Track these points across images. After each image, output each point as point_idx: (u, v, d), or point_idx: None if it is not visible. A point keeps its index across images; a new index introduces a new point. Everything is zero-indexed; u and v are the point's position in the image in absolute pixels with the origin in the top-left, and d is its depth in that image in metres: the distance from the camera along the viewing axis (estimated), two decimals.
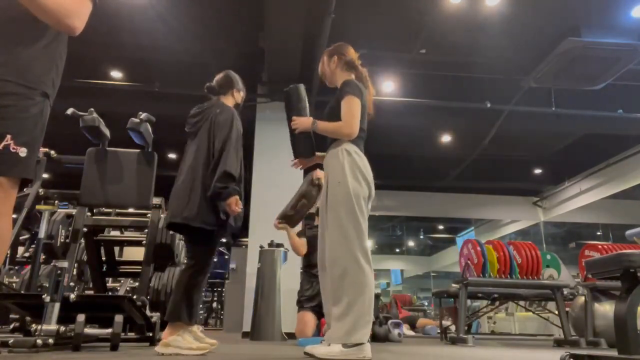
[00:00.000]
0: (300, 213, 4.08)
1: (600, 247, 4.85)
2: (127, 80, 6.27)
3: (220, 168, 2.38)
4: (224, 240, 2.77)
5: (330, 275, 2.21)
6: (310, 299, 4.17)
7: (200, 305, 10.64)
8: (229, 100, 2.71)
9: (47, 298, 2.54)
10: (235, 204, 2.36)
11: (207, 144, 2.49)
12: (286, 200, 4.19)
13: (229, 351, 2.75)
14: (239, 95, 2.79)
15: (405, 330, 6.35)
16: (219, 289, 12.56)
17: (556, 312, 4.65)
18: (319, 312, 4.16)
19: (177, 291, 2.42)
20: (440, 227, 15.50)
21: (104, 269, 3.88)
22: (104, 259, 3.86)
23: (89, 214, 3.34)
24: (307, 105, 2.68)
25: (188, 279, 2.42)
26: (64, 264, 2.65)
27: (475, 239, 4.93)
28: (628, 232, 3.41)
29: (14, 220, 2.97)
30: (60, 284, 2.57)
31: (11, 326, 3.09)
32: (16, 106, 1.28)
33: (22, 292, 3.60)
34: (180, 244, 4.16)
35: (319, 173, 3.93)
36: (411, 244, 17.71)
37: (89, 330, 2.65)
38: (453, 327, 5.61)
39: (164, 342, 2.36)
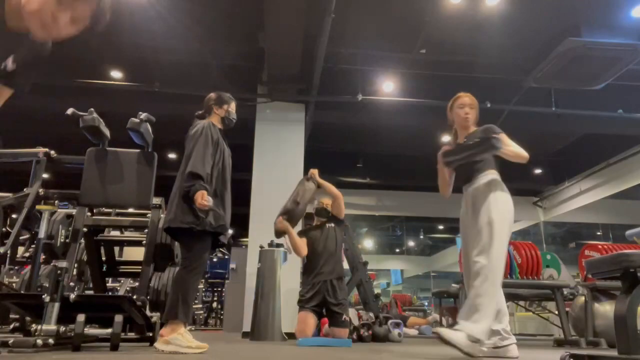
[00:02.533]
0: (300, 208, 4.10)
1: (600, 247, 4.86)
2: (127, 80, 6.27)
3: (187, 170, 2.64)
4: (223, 242, 2.88)
5: (490, 281, 2.49)
6: (311, 299, 4.16)
7: (200, 305, 10.64)
8: (214, 118, 2.97)
9: (47, 298, 2.54)
10: (200, 198, 2.51)
11: (184, 157, 2.79)
12: (286, 200, 4.20)
13: (229, 351, 2.75)
14: (222, 110, 3.00)
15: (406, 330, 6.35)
16: (219, 289, 12.56)
17: (556, 312, 4.65)
18: (319, 312, 4.16)
19: (172, 290, 2.61)
20: (440, 227, 15.50)
21: (104, 269, 3.88)
22: (104, 259, 3.86)
23: (89, 214, 3.34)
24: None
25: (180, 279, 2.59)
26: (64, 264, 2.65)
27: None
28: (628, 232, 3.39)
29: (14, 220, 2.97)
30: (60, 284, 2.57)
31: (11, 326, 3.09)
32: None
33: (22, 292, 3.60)
34: None
35: (313, 170, 4.20)
36: (411, 244, 17.71)
37: (89, 330, 2.65)
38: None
39: (164, 340, 2.41)
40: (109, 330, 2.56)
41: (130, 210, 4.17)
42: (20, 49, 1.43)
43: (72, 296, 2.60)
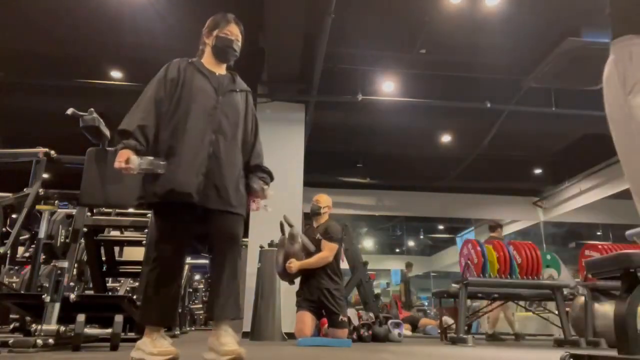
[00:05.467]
0: (296, 246, 3.98)
1: (600, 247, 4.86)
2: (127, 80, 6.27)
3: None
4: (205, 206, 2.02)
5: None
6: (307, 299, 4.15)
7: (200, 305, 10.62)
8: (206, 54, 2.33)
9: (47, 298, 2.54)
10: (117, 159, 1.89)
11: None
12: (286, 200, 4.17)
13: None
14: (212, 37, 2.30)
15: (406, 330, 6.35)
16: None
17: (556, 312, 4.65)
18: (317, 312, 4.16)
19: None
20: (440, 227, 15.50)
21: (104, 269, 3.88)
22: (104, 259, 3.86)
23: (89, 214, 3.34)
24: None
25: (143, 268, 2.18)
26: (64, 264, 2.65)
27: (475, 239, 4.93)
28: (628, 232, 3.39)
29: (14, 220, 2.97)
30: (60, 284, 2.57)
31: (11, 326, 3.09)
32: None
33: (22, 292, 3.60)
34: None
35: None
36: (411, 244, 17.71)
37: (89, 330, 2.65)
38: (453, 325, 5.62)
39: (136, 345, 2.06)
40: (109, 330, 2.56)
41: (130, 210, 4.17)
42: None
43: (72, 296, 2.60)
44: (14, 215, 3.08)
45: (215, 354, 1.92)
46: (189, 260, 6.35)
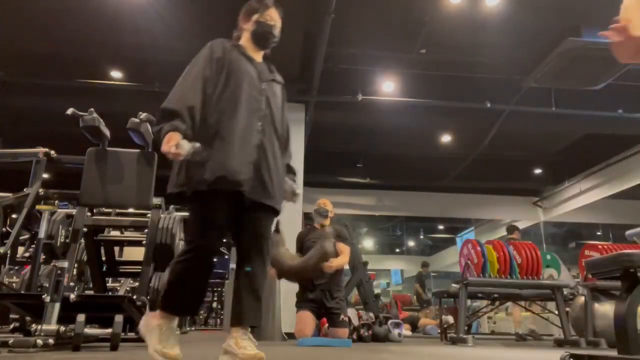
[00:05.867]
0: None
1: (600, 247, 4.86)
2: (127, 80, 6.27)
3: None
4: (253, 199, 1.87)
5: None
6: (308, 299, 4.15)
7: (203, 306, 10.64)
8: (244, 39, 2.20)
9: (47, 298, 2.53)
10: (166, 144, 1.72)
11: None
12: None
13: None
14: (250, 23, 2.18)
15: (405, 331, 6.35)
16: (219, 289, 12.55)
17: (556, 312, 4.65)
18: (318, 312, 4.16)
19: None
20: (440, 227, 15.50)
21: (104, 269, 3.88)
22: (104, 259, 3.86)
23: (89, 214, 3.34)
24: None
25: (174, 261, 1.92)
26: (64, 264, 2.65)
27: (475, 239, 4.93)
28: (628, 232, 3.39)
29: (14, 220, 2.97)
30: (60, 284, 2.57)
31: (11, 326, 3.09)
32: None
33: (22, 292, 3.60)
34: (180, 244, 4.16)
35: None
36: (411, 244, 17.70)
37: (89, 330, 2.64)
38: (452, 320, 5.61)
39: (145, 320, 1.92)
40: (109, 330, 2.56)
41: (130, 210, 4.17)
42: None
43: (72, 296, 2.60)
44: (14, 215, 3.08)
45: (231, 357, 1.85)
46: None
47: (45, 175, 3.10)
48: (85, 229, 3.23)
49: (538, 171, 9.70)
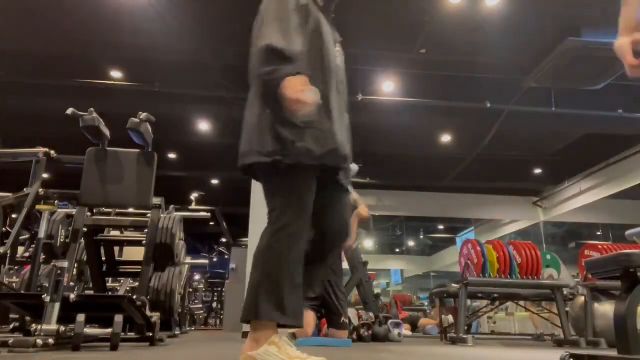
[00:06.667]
0: None
1: (600, 247, 4.85)
2: (127, 80, 6.27)
3: (255, 50, 1.48)
4: (342, 183, 1.59)
5: None
6: (311, 298, 4.16)
7: (200, 305, 10.62)
8: None
9: (47, 298, 2.53)
10: (292, 89, 1.37)
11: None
12: None
13: (229, 351, 2.75)
14: None
15: (405, 331, 6.36)
16: (219, 289, 12.58)
17: (556, 312, 4.65)
18: (318, 311, 4.16)
19: (252, 273, 1.54)
20: (440, 227, 15.50)
21: (104, 269, 3.88)
22: (104, 259, 3.87)
23: (89, 214, 3.34)
24: None
25: (261, 250, 1.54)
26: (64, 264, 2.65)
27: (475, 239, 4.93)
28: (628, 232, 3.40)
29: (14, 220, 2.97)
30: (60, 284, 2.57)
31: (11, 326, 3.09)
32: None
33: (22, 292, 3.60)
34: (180, 244, 4.16)
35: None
36: (411, 244, 17.70)
37: (89, 330, 2.64)
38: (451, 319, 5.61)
39: (245, 357, 1.48)
40: (109, 330, 2.56)
41: (130, 210, 4.18)
42: None
43: (72, 296, 2.60)
44: (14, 215, 3.08)
45: None
46: (188, 260, 6.34)
47: (45, 175, 3.11)
48: (85, 229, 3.24)
49: (538, 171, 9.70)
